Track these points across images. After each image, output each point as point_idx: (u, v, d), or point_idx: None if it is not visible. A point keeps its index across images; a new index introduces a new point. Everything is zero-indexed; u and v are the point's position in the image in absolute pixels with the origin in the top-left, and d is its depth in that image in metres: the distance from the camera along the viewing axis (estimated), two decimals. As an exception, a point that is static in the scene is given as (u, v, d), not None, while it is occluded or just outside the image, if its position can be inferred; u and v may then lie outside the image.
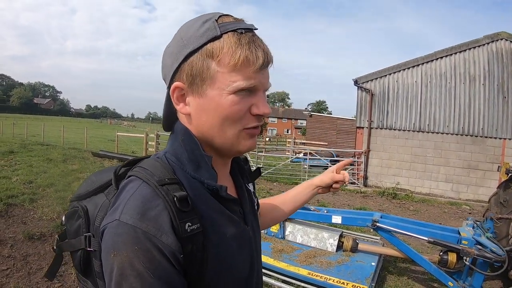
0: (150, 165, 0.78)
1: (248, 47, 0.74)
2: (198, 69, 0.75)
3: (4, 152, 15.07)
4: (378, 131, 12.90)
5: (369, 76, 13.17)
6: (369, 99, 13.02)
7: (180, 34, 0.80)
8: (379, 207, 9.56)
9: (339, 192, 11.51)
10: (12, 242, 5.19)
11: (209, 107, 0.77)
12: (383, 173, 12.73)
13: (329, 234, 4.52)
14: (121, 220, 0.68)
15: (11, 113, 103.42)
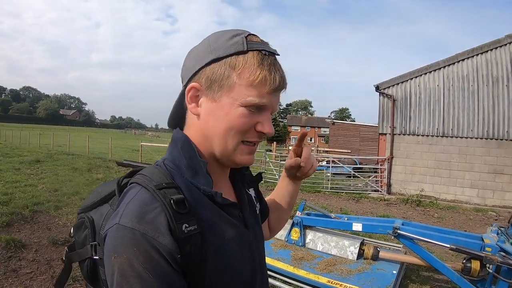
0: (149, 172, 0.82)
1: (269, 68, 0.80)
2: (219, 76, 0.80)
3: (31, 161, 15.58)
4: (401, 137, 12.69)
5: (391, 82, 13.00)
6: (391, 105, 12.83)
7: (208, 40, 0.86)
8: (402, 215, 9.41)
9: (362, 200, 11.40)
10: (36, 247, 5.39)
11: (219, 113, 0.81)
12: (407, 180, 12.47)
13: (350, 242, 4.47)
14: (120, 224, 0.71)
15: (37, 124, 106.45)
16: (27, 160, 16.17)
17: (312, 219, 4.85)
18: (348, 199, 11.68)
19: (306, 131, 1.36)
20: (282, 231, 5.02)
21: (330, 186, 13.24)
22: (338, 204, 10.56)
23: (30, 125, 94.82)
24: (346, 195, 12.26)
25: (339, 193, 12.56)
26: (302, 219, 4.82)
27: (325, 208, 9.26)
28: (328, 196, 11.99)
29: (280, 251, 4.69)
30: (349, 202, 11.10)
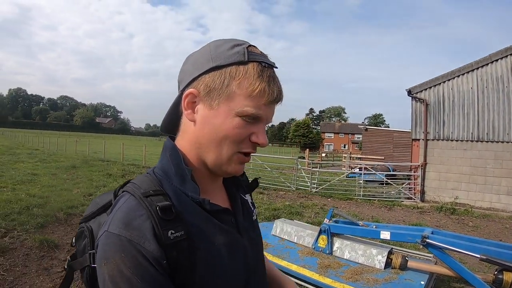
0: (138, 180, 0.85)
1: (268, 80, 0.81)
2: (218, 84, 0.81)
3: (67, 167, 16.17)
4: (434, 142, 12.33)
5: (423, 85, 12.66)
6: (424, 109, 12.49)
7: (209, 48, 0.86)
8: (436, 224, 9.12)
9: (395, 208, 11.18)
10: (68, 248, 5.61)
11: (215, 121, 0.82)
12: (441, 187, 12.09)
13: (378, 251, 4.36)
14: (109, 231, 0.73)
15: (74, 132, 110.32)
16: (63, 166, 16.76)
17: (339, 227, 4.78)
18: (380, 206, 11.46)
19: None
20: (309, 238, 4.98)
21: (363, 194, 13.02)
22: (370, 212, 10.38)
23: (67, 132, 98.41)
24: (378, 202, 12.02)
25: (371, 200, 12.33)
26: (330, 226, 4.76)
27: (356, 216, 9.16)
28: (360, 204, 11.80)
29: (307, 259, 4.64)
30: (381, 210, 10.88)
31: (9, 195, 9.10)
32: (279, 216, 8.53)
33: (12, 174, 13.30)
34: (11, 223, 6.75)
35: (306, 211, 9.96)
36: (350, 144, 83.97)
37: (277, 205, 10.37)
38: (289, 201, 11.42)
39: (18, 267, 4.96)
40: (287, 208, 9.89)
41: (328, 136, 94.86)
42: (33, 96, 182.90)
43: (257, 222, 1.09)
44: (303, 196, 12.83)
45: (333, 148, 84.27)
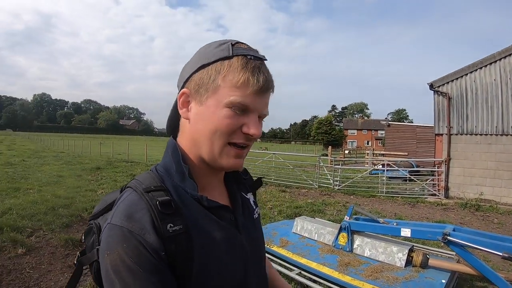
0: (141, 177, 0.89)
1: (252, 71, 0.83)
2: (205, 80, 0.85)
3: (92, 169, 16.52)
4: (458, 137, 12.02)
5: (445, 79, 12.34)
6: (446, 103, 12.19)
7: (198, 51, 0.92)
8: (460, 220, 8.93)
9: (418, 205, 11.00)
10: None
11: (205, 115, 0.86)
12: (465, 183, 11.77)
13: (398, 248, 4.29)
14: (111, 223, 0.78)
15: (98, 134, 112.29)
16: (88, 167, 17.13)
17: (360, 224, 4.72)
18: (403, 203, 11.29)
19: None
20: (330, 236, 4.95)
21: (386, 191, 12.88)
22: (393, 209, 10.25)
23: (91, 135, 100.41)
24: (401, 199, 11.87)
25: (395, 197, 12.18)
26: (350, 224, 4.72)
27: (379, 214, 9.06)
28: (383, 201, 11.67)
29: (327, 256, 4.61)
30: (404, 207, 10.72)
31: (36, 196, 9.42)
32: (301, 214, 8.53)
33: (39, 176, 13.69)
34: (37, 223, 7.02)
35: (328, 208, 9.90)
36: (374, 141, 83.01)
37: (299, 203, 10.34)
38: (311, 198, 11.39)
39: (44, 265, 5.16)
40: (309, 206, 9.88)
41: (351, 132, 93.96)
42: (57, 100, 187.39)
43: (258, 221, 1.11)
44: (326, 193, 12.78)
45: (356, 144, 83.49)
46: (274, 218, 8.16)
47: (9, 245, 5.71)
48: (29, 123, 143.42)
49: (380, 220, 4.61)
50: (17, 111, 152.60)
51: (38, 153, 26.53)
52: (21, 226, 6.63)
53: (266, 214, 8.57)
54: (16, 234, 6.12)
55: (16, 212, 7.62)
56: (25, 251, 5.57)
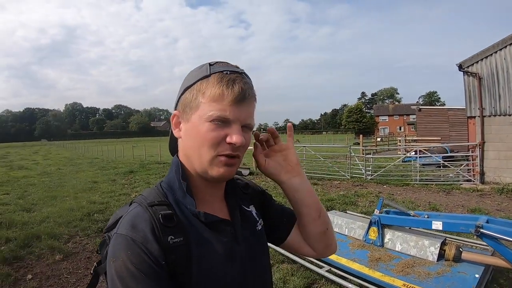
0: (146, 192, 0.98)
1: (226, 84, 0.89)
2: (189, 100, 0.93)
3: (125, 172, 16.90)
4: (491, 119, 11.44)
5: (474, 58, 11.75)
6: (477, 83, 11.62)
7: (186, 76, 1.00)
8: (497, 207, 8.58)
9: (453, 191, 10.69)
10: None
11: (191, 132, 0.93)
12: (501, 166, 11.21)
13: (430, 242, 4.18)
14: (117, 233, 0.85)
15: (130, 138, 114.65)
16: (121, 172, 17.51)
17: (390, 218, 4.64)
18: (438, 191, 10.95)
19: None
20: (360, 231, 4.89)
21: (419, 178, 12.54)
22: (427, 198, 9.96)
23: (124, 139, 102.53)
24: (436, 187, 11.51)
25: (429, 185, 11.82)
26: (380, 217, 4.65)
27: (412, 203, 8.88)
28: (417, 189, 11.35)
29: (358, 252, 4.57)
30: (439, 195, 10.40)
31: (72, 203, 9.77)
32: (333, 207, 8.47)
33: (74, 183, 14.15)
34: (73, 230, 7.30)
35: (361, 200, 9.78)
36: (406, 126, 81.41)
37: (331, 195, 10.26)
38: (344, 190, 11.28)
39: (81, 269, 5.36)
40: (341, 198, 9.77)
41: (382, 119, 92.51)
42: (88, 108, 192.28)
43: (262, 232, 1.13)
44: (358, 184, 12.61)
45: (388, 131, 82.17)
46: (305, 213, 8.08)
47: (47, 252, 5.97)
48: (63, 132, 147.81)
49: (410, 213, 4.51)
50: (51, 122, 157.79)
51: (73, 161, 27.36)
52: (58, 233, 6.92)
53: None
54: (53, 241, 6.40)
55: (53, 220, 7.94)
56: (63, 257, 5.80)
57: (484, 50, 11.64)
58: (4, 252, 5.89)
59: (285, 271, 4.89)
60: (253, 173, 15.37)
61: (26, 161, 28.53)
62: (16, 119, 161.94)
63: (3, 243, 6.43)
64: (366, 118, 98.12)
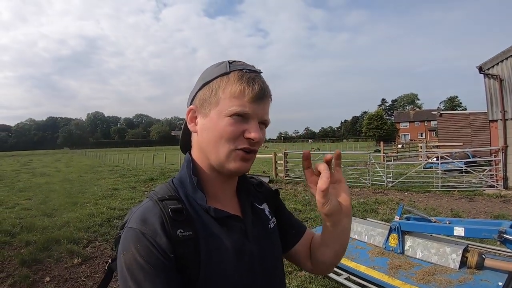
0: (158, 188, 1.00)
1: (247, 81, 0.92)
2: (208, 95, 0.95)
3: (145, 180, 17.06)
4: (514, 122, 11.05)
5: (494, 60, 11.50)
6: (498, 86, 11.37)
7: (202, 73, 1.02)
8: (520, 214, 8.29)
9: (476, 198, 10.46)
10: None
11: (209, 126, 0.94)
12: (525, 171, 10.81)
13: (452, 249, 4.05)
14: (128, 226, 0.88)
15: (151, 146, 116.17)
16: (142, 179, 17.68)
17: (410, 224, 4.53)
18: (460, 198, 10.74)
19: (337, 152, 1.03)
20: (380, 238, 4.80)
21: (441, 185, 12.31)
22: (449, 204, 9.78)
23: (144, 148, 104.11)
24: (458, 193, 11.29)
25: (451, 191, 11.60)
26: (400, 224, 4.54)
27: (434, 210, 8.72)
28: (439, 196, 11.16)
29: (377, 259, 4.47)
30: (461, 202, 10.20)
31: (92, 209, 9.93)
32: (353, 215, 8.32)
33: (95, 190, 14.36)
34: (93, 235, 7.44)
35: (381, 207, 9.65)
36: (427, 132, 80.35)
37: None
38: (364, 197, 11.17)
39: (98, 273, 5.43)
40: (362, 206, 9.67)
41: (403, 125, 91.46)
42: (110, 117, 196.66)
43: (274, 230, 1.13)
44: (379, 191, 12.45)
45: (409, 138, 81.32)
46: (325, 221, 7.99)
47: (66, 256, 6.10)
48: (84, 140, 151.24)
49: (431, 219, 4.40)
50: (73, 131, 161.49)
51: (94, 168, 27.78)
52: (77, 238, 7.05)
53: (318, 217, 8.43)
54: (72, 246, 6.52)
55: (73, 225, 8.08)
56: (81, 261, 5.90)
57: (504, 51, 11.40)
58: (24, 254, 6.05)
59: (303, 278, 4.85)
60: (272, 181, 15.33)
61: (48, 168, 29.20)
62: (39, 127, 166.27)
63: (23, 246, 6.62)
64: (386, 125, 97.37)
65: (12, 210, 10.29)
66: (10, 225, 8.01)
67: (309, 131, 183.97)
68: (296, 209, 9.55)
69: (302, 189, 13.31)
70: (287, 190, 12.96)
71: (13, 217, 9.07)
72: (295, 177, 16.05)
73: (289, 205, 9.88)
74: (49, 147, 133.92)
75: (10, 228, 7.73)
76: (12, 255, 6.13)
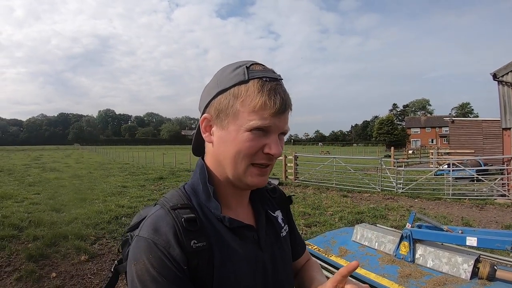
0: (169, 194, 0.96)
1: (268, 93, 0.86)
2: (224, 106, 0.88)
3: (155, 179, 17.16)
4: (527, 130, 10.86)
5: (509, 67, 11.39)
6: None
7: (216, 75, 0.95)
8: (533, 224, 8.15)
9: (487, 207, 10.33)
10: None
11: (227, 139, 0.89)
12: (538, 181, 10.61)
13: (464, 259, 3.97)
14: (139, 235, 0.85)
15: (161, 145, 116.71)
16: (151, 178, 17.76)
17: (422, 232, 4.46)
18: (471, 206, 10.62)
19: (355, 264, 0.86)
20: (391, 245, 4.73)
21: (452, 192, 12.19)
22: (459, 213, 9.68)
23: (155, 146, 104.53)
24: (469, 201, 11.15)
25: (462, 199, 11.47)
26: (412, 232, 4.47)
27: (445, 218, 8.62)
28: (449, 204, 11.05)
29: (387, 267, 4.40)
30: (472, 210, 10.09)
31: (100, 206, 9.98)
32: (362, 220, 8.33)
33: (104, 187, 14.47)
34: (100, 232, 7.46)
35: (391, 213, 9.57)
36: (438, 138, 79.85)
37: (361, 208, 10.07)
38: (374, 203, 11.08)
39: (105, 271, 5.44)
40: (371, 211, 9.58)
41: (414, 131, 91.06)
42: (121, 115, 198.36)
43: (286, 239, 1.12)
44: (389, 197, 12.37)
45: (420, 143, 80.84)
46: (334, 225, 7.99)
47: (73, 252, 6.12)
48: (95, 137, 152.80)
49: (444, 227, 4.32)
50: (84, 127, 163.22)
51: (104, 165, 27.98)
52: (85, 234, 7.07)
53: (327, 221, 8.43)
54: (80, 242, 6.54)
55: (81, 221, 8.14)
56: (88, 257, 5.91)
57: (520, 58, 11.14)
58: (31, 249, 6.08)
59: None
60: (282, 183, 15.30)
61: (58, 164, 29.44)
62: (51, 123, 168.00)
63: (31, 240, 6.66)
64: (397, 130, 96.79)
65: (21, 204, 10.38)
66: (18, 219, 8.09)
67: (319, 134, 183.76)
68: (305, 212, 9.50)
69: (312, 192, 13.30)
70: (296, 193, 12.92)
71: (21, 211, 9.18)
72: (305, 180, 16.01)
73: (298, 209, 9.88)
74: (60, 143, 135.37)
75: (18, 222, 7.81)
76: (19, 249, 6.17)
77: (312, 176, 16.72)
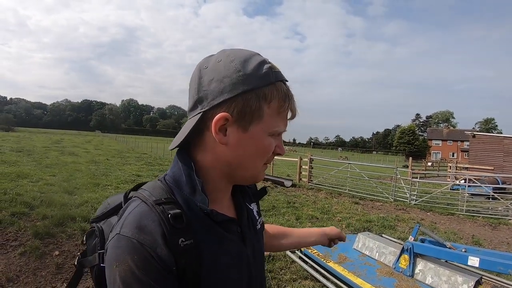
0: (150, 187, 0.87)
1: (291, 100, 0.87)
2: (251, 108, 0.82)
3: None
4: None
5: None
6: None
7: (234, 63, 0.84)
8: (547, 248, 7.88)
9: (500, 227, 10.07)
10: None
11: (249, 142, 0.85)
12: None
13: (464, 279, 3.85)
14: (121, 234, 0.76)
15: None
16: (166, 169, 17.65)
17: (424, 247, 4.36)
18: (484, 224, 10.32)
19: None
20: (391, 257, 4.66)
21: (466, 209, 11.91)
22: (471, 230, 9.42)
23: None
24: (482, 220, 10.86)
25: (475, 217, 11.18)
26: (414, 245, 4.38)
27: (455, 235, 8.44)
28: (462, 220, 10.76)
29: (384, 279, 4.32)
30: (484, 229, 9.81)
31: (112, 192, 10.05)
32: (371, 229, 8.23)
33: (118, 174, 14.60)
34: None
35: (401, 225, 9.38)
36: (459, 152, 78.39)
37: (370, 216, 9.90)
38: (385, 213, 10.86)
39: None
40: (381, 221, 9.40)
41: (435, 143, 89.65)
42: (143, 106, 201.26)
43: (261, 232, 1.12)
44: (401, 208, 12.12)
45: (440, 156, 79.60)
46: (341, 232, 7.86)
47: (79, 233, 6.23)
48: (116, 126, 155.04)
49: (447, 244, 4.22)
50: (106, 115, 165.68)
51: (122, 153, 28.21)
52: (93, 217, 7.12)
53: (335, 226, 8.28)
54: (87, 224, 6.57)
55: (91, 205, 8.25)
56: (92, 240, 5.95)
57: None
58: (39, 227, 6.23)
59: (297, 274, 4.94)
60: (295, 185, 15.21)
61: (77, 149, 29.80)
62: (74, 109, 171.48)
63: (40, 219, 6.83)
64: (418, 140, 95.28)
65: (36, 184, 10.54)
66: (31, 198, 8.30)
67: (339, 139, 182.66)
68: (314, 216, 9.41)
69: (323, 196, 13.15)
70: (308, 196, 12.80)
71: (35, 191, 9.35)
72: (318, 184, 15.86)
73: (306, 212, 9.79)
74: (82, 129, 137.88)
75: (30, 201, 8.02)
76: (27, 226, 6.33)
77: (326, 180, 16.52)
